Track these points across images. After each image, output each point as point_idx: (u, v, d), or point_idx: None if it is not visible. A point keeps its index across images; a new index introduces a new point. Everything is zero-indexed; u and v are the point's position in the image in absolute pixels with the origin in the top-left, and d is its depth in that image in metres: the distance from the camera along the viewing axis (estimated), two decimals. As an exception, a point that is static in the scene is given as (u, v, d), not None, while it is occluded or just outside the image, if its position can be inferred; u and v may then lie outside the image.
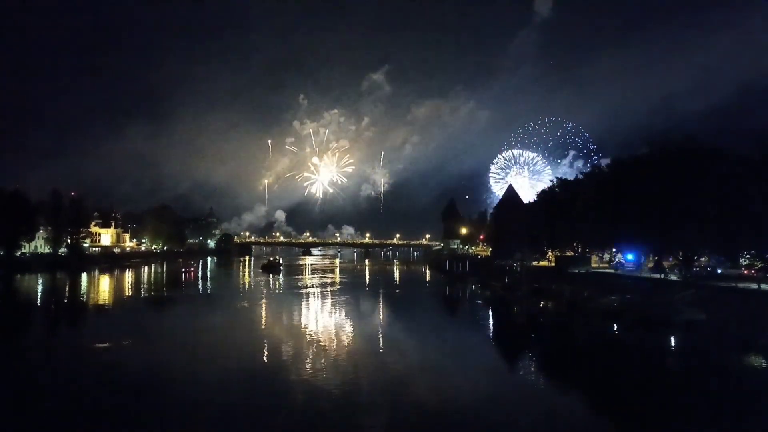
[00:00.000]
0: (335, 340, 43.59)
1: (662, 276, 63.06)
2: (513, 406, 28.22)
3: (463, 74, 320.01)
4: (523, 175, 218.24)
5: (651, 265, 75.41)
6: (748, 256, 66.30)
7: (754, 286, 49.86)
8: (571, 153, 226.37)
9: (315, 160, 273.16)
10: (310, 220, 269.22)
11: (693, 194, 57.17)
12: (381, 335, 46.75)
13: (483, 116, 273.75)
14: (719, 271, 64.92)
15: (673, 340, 44.58)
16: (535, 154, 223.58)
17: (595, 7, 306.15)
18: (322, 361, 35.76)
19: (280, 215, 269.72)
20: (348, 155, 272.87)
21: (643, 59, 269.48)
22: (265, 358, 36.70)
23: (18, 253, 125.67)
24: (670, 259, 73.21)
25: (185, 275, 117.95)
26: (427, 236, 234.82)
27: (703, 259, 71.22)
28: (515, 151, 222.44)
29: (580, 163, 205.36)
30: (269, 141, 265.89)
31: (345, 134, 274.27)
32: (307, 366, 34.08)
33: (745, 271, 61.58)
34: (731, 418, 26.30)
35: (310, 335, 46.41)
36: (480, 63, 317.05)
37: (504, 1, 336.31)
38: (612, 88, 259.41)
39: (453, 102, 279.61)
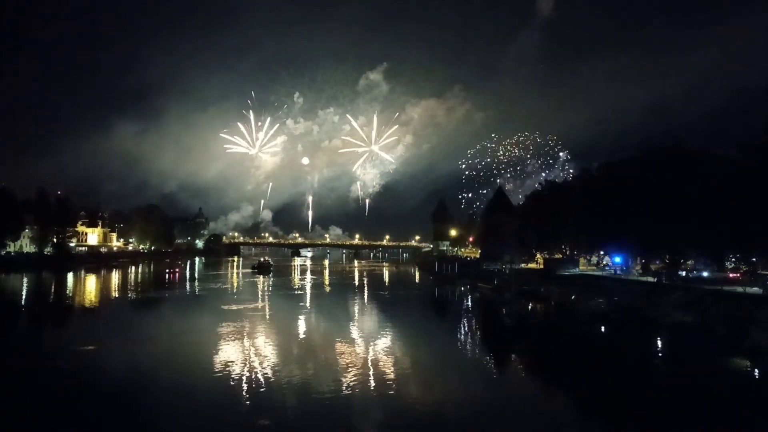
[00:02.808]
0: (324, 343, 43.45)
1: (655, 279, 63.55)
2: (501, 407, 28.22)
3: (461, 75, 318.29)
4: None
5: (638, 267, 76.01)
6: (733, 259, 66.97)
7: (740, 289, 50.46)
8: (563, 155, 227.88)
9: (305, 160, 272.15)
10: (297, 220, 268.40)
11: (679, 197, 57.64)
12: (369, 337, 46.51)
13: (479, 118, 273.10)
14: (705, 274, 65.51)
15: (659, 342, 44.87)
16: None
17: (596, 8, 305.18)
18: (310, 364, 35.61)
19: (267, 215, 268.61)
20: (339, 155, 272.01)
21: (639, 61, 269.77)
22: (253, 362, 36.40)
23: (3, 252, 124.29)
24: (658, 261, 73.82)
25: (171, 276, 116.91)
26: (417, 238, 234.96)
27: (689, 261, 71.84)
28: None
29: (572, 166, 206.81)
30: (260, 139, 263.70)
31: (338, 133, 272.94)
32: (296, 369, 33.88)
33: (731, 275, 62.18)
34: (715, 420, 26.49)
35: (299, 338, 46.26)
36: (480, 63, 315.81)
37: (507, 0, 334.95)
38: (607, 90, 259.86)
39: (449, 102, 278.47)
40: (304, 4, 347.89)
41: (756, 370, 35.96)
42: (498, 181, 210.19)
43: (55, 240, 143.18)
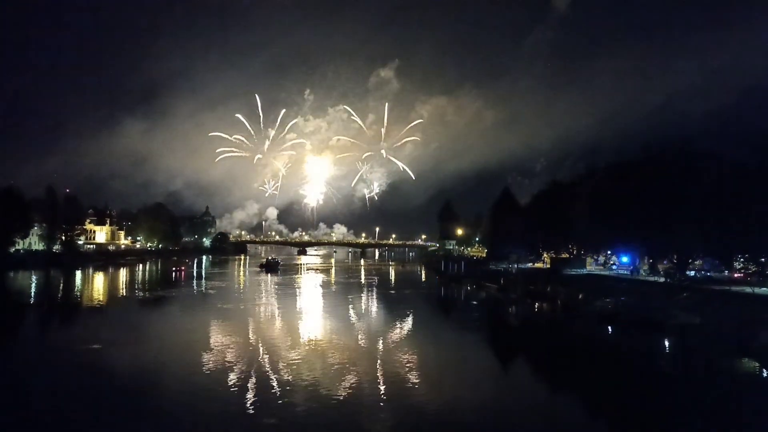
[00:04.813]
0: (331, 342, 43.54)
1: (665, 279, 63.41)
2: (507, 407, 28.23)
3: (473, 72, 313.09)
4: None
5: (646, 267, 75.77)
6: (742, 259, 66.64)
7: (749, 289, 50.23)
8: (573, 154, 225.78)
9: (312, 157, 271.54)
10: (302, 218, 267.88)
11: (687, 198, 57.36)
12: (376, 336, 46.55)
13: (489, 116, 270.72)
14: (710, 274, 65.43)
15: (667, 343, 44.73)
16: None
17: (609, 5, 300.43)
18: (318, 363, 35.68)
19: (272, 213, 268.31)
20: (347, 153, 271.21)
21: (648, 60, 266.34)
22: (260, 361, 36.51)
23: (12, 250, 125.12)
24: (665, 261, 73.54)
25: (178, 274, 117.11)
26: (423, 237, 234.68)
27: (697, 262, 71.54)
28: None
29: (580, 165, 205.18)
30: (268, 135, 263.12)
31: (347, 132, 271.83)
32: (303, 368, 33.97)
33: (736, 275, 62.02)
34: (723, 422, 26.40)
35: (307, 337, 46.33)
36: (492, 60, 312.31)
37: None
38: (617, 88, 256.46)
39: (460, 100, 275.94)
40: (314, 0, 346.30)
41: (765, 372, 35.83)
42: (509, 179, 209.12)
43: (63, 238, 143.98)
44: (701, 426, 25.96)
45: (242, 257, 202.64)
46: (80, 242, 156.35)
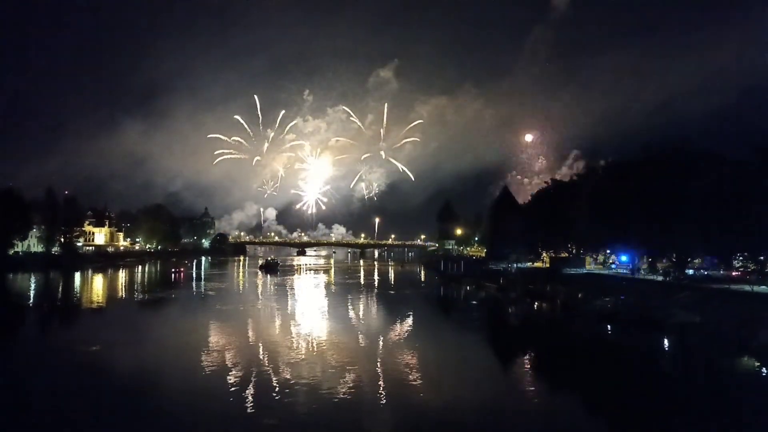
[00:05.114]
0: (331, 343, 43.51)
1: (664, 278, 63.45)
2: (507, 407, 28.20)
3: (473, 72, 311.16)
4: None
5: (645, 266, 75.81)
6: (741, 258, 66.73)
7: (748, 288, 50.28)
8: (573, 153, 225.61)
9: (311, 158, 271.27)
10: (301, 219, 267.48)
11: (687, 197, 57.38)
12: (376, 337, 46.53)
13: (489, 115, 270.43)
14: (707, 272, 65.51)
15: (666, 342, 44.73)
16: None
17: (609, 4, 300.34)
18: (317, 363, 35.65)
19: (271, 214, 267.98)
20: (346, 154, 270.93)
21: (648, 60, 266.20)
22: (259, 362, 36.47)
23: (11, 252, 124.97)
24: (665, 260, 73.59)
25: (177, 275, 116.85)
26: (422, 237, 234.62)
27: (696, 260, 71.59)
28: None
29: (581, 164, 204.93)
30: (268, 137, 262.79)
31: (347, 132, 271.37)
32: (302, 369, 33.93)
33: (734, 273, 62.14)
34: (722, 421, 26.39)
35: (307, 338, 46.28)
36: (492, 60, 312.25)
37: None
38: (617, 88, 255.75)
39: (460, 100, 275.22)
40: (314, 0, 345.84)
41: (765, 370, 35.83)
42: (507, 177, 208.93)
43: (62, 240, 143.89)
44: (701, 426, 25.94)
45: (241, 258, 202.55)
46: (79, 244, 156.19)
